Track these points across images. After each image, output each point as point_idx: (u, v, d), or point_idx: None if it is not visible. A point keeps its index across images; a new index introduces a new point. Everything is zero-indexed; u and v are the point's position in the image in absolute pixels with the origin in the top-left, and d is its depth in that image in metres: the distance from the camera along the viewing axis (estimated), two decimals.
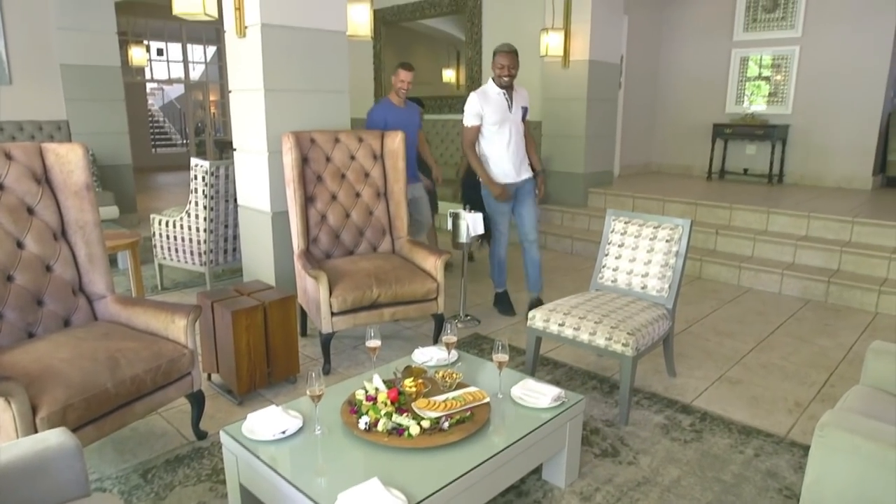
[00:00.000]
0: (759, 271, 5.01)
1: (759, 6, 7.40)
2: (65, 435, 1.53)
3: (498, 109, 3.84)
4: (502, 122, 3.86)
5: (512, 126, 3.91)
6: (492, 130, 3.88)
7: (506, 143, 3.89)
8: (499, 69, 3.77)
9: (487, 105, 3.83)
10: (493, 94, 3.85)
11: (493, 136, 3.89)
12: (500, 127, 3.87)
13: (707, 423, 2.83)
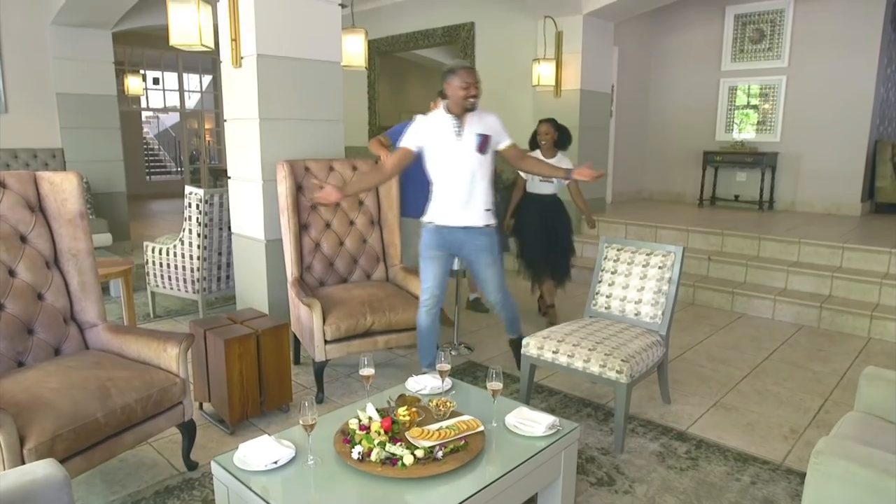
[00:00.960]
0: (752, 297, 5.03)
1: (745, 37, 7.56)
2: (53, 466, 1.50)
3: (440, 135, 3.13)
4: (446, 152, 3.14)
5: (460, 157, 3.13)
6: (435, 162, 3.18)
7: (452, 179, 3.16)
8: (462, 89, 3.04)
9: (430, 130, 3.15)
10: (440, 119, 3.15)
11: (437, 169, 3.19)
12: (442, 157, 3.16)
13: (703, 450, 2.81)
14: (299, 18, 3.71)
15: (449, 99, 3.11)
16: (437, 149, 3.15)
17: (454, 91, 3.08)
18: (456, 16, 7.73)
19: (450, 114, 3.13)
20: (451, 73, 3.09)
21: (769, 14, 7.34)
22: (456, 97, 3.07)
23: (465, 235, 3.20)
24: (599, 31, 6.58)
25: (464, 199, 3.16)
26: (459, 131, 3.13)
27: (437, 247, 3.22)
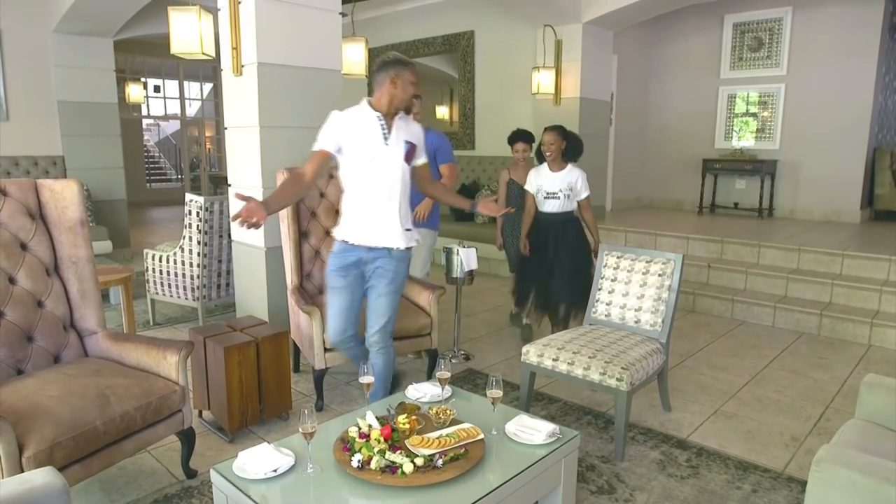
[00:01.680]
0: (752, 304, 5.03)
1: (744, 46, 7.59)
2: (51, 475, 1.50)
3: (364, 137, 2.63)
4: (370, 158, 2.63)
5: (386, 165, 2.65)
6: (353, 169, 2.66)
7: (372, 191, 2.66)
8: (402, 88, 2.63)
9: (352, 129, 2.63)
10: (364, 117, 2.65)
11: (354, 178, 2.68)
12: (366, 165, 2.64)
13: (703, 458, 2.81)
14: (300, 27, 3.73)
15: (388, 95, 2.63)
16: (360, 153, 2.63)
17: (404, 86, 2.63)
18: (456, 24, 7.77)
19: (376, 112, 2.65)
20: (401, 65, 2.63)
21: (768, 23, 7.38)
22: (405, 94, 2.64)
23: (374, 255, 2.71)
24: (599, 40, 6.61)
25: (385, 214, 2.68)
26: (387, 135, 2.65)
27: (345, 271, 2.72)
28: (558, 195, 3.99)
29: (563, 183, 3.99)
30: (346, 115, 2.68)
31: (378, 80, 2.64)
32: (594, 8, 6.26)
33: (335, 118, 2.68)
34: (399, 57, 2.68)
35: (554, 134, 3.97)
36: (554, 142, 3.95)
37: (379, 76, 2.64)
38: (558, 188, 3.99)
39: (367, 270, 2.75)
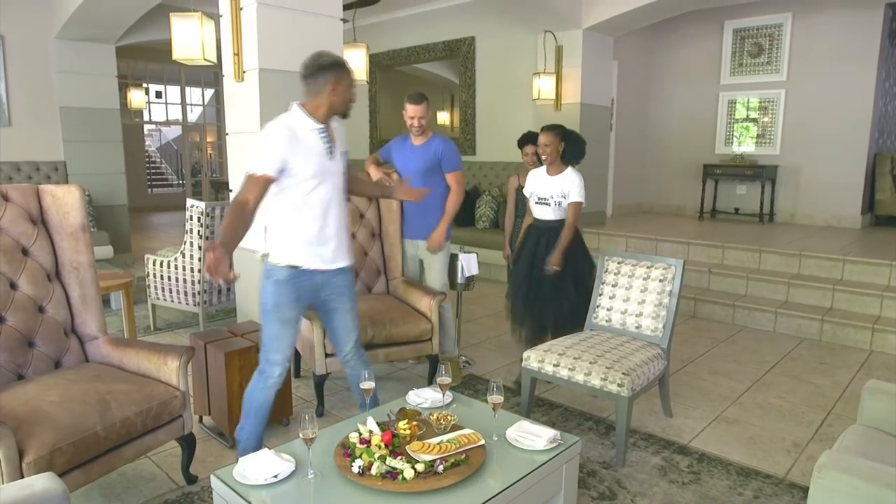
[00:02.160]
0: (753, 310, 5.02)
1: (744, 52, 7.61)
2: (52, 480, 1.50)
3: (313, 155, 2.38)
4: (320, 175, 2.40)
5: (333, 181, 2.47)
6: (298, 189, 2.38)
7: (323, 210, 2.44)
8: (343, 94, 2.42)
9: (297, 147, 2.34)
10: (306, 131, 2.38)
11: (300, 198, 2.40)
12: (316, 183, 2.40)
13: (705, 464, 2.80)
14: (301, 33, 3.74)
15: (327, 103, 2.39)
16: (308, 172, 2.37)
17: (345, 92, 2.43)
18: (457, 30, 7.80)
19: (316, 123, 2.40)
20: (342, 70, 2.41)
21: (768, 28, 7.40)
22: (346, 100, 2.44)
23: (332, 276, 2.53)
24: (599, 46, 6.63)
25: (338, 232, 2.52)
26: (332, 149, 2.44)
27: (295, 302, 2.48)
28: (549, 201, 3.64)
29: (557, 188, 3.62)
30: (288, 130, 2.34)
31: (315, 86, 2.38)
32: (594, 14, 6.28)
33: (278, 137, 2.33)
34: (338, 59, 2.44)
35: (550, 135, 3.60)
36: (550, 143, 3.59)
37: (316, 81, 2.37)
38: (550, 193, 3.64)
39: (324, 294, 2.55)
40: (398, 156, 3.79)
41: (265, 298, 2.47)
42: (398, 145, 3.82)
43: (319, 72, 2.38)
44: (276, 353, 2.50)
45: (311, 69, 2.39)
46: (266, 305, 2.47)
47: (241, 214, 2.28)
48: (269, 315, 2.46)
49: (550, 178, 3.68)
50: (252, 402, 2.53)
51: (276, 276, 2.45)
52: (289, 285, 2.45)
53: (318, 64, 2.39)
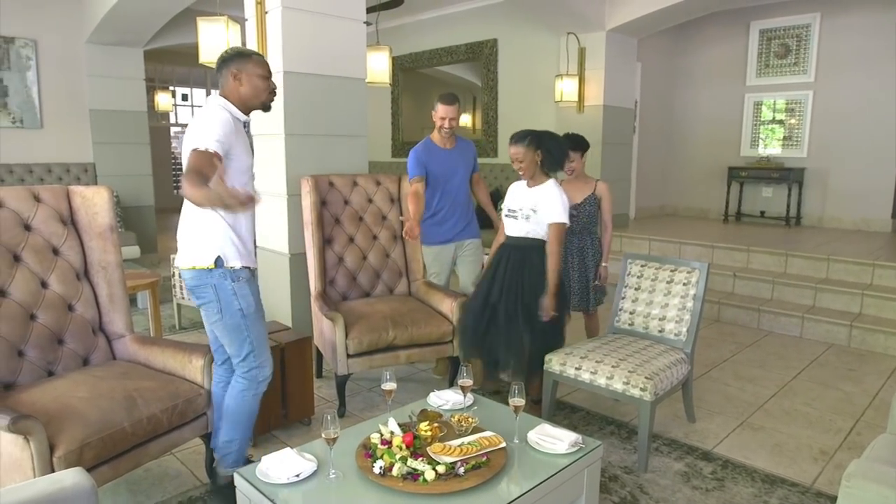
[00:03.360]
0: (779, 314, 4.94)
1: (770, 52, 7.50)
2: (81, 475, 1.53)
3: (244, 147, 2.36)
4: (249, 169, 2.42)
5: (252, 177, 2.48)
6: (238, 183, 2.27)
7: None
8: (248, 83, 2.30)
9: (238, 136, 2.29)
10: (233, 119, 2.28)
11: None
12: (248, 177, 2.41)
13: (729, 470, 2.76)
14: (325, 36, 3.78)
15: (235, 94, 2.30)
16: (242, 164, 2.33)
17: (249, 80, 2.30)
18: (479, 32, 7.80)
19: (239, 111, 2.32)
20: (242, 58, 2.30)
21: (795, 29, 7.28)
22: (254, 89, 2.31)
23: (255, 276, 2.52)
24: (623, 47, 6.59)
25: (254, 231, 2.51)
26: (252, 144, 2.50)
27: (257, 297, 2.45)
28: (516, 214, 3.10)
29: (529, 200, 3.07)
30: (231, 115, 2.26)
31: (222, 80, 2.30)
32: (618, 15, 6.24)
33: (225, 117, 2.22)
34: (239, 49, 2.36)
35: (521, 146, 3.00)
36: (522, 156, 3.00)
37: (221, 74, 2.30)
38: (519, 205, 3.10)
39: None
40: (438, 165, 3.66)
41: (243, 303, 2.34)
42: (430, 155, 3.64)
43: (222, 65, 2.31)
44: (266, 351, 2.46)
45: (217, 64, 2.33)
46: (247, 310, 2.36)
47: (201, 178, 2.03)
48: (253, 315, 2.39)
49: (527, 190, 3.14)
50: (245, 411, 2.43)
51: (242, 276, 2.36)
52: (253, 282, 2.44)
53: (221, 57, 2.33)
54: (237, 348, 2.39)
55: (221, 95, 2.31)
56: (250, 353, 2.39)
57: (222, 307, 2.33)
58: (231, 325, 2.35)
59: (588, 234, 3.71)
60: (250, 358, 2.40)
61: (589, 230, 3.71)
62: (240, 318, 2.34)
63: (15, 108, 6.62)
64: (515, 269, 3.08)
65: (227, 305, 2.33)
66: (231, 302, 2.33)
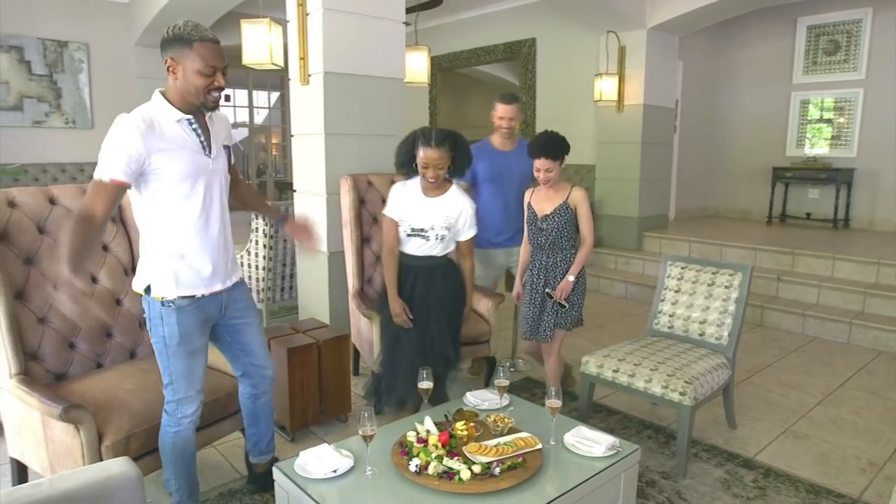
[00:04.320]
0: (825, 320, 4.79)
1: (819, 49, 7.27)
2: (127, 464, 1.57)
3: (180, 151, 1.96)
4: (194, 175, 1.99)
5: (213, 183, 2.06)
6: (170, 197, 1.98)
7: (198, 215, 2.03)
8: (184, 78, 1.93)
9: (159, 143, 1.91)
10: (168, 123, 1.95)
11: (176, 203, 1.99)
12: (191, 186, 1.99)
13: (771, 479, 2.69)
14: (365, 37, 3.81)
15: (173, 89, 1.95)
16: (178, 174, 1.95)
17: (186, 76, 1.91)
18: (518, 32, 7.77)
19: (179, 112, 1.96)
20: (178, 43, 1.90)
21: (845, 25, 7.05)
22: (190, 86, 1.93)
23: (231, 293, 2.20)
24: (664, 46, 6.48)
25: (227, 242, 2.16)
26: (205, 143, 2.02)
27: (202, 326, 2.12)
28: (427, 234, 2.74)
29: (440, 217, 2.73)
30: (144, 122, 1.89)
31: (163, 65, 1.94)
32: (659, 13, 6.13)
33: (129, 131, 1.86)
34: (179, 32, 1.89)
35: (443, 149, 2.63)
36: (442, 163, 2.64)
37: (161, 58, 1.94)
38: (430, 224, 2.74)
39: (228, 313, 2.21)
40: (488, 167, 3.52)
41: (165, 331, 2.03)
42: (479, 156, 3.39)
43: (161, 46, 1.92)
44: (188, 388, 2.11)
45: (160, 44, 1.94)
46: (169, 339, 2.03)
47: (86, 229, 1.85)
48: (175, 349, 2.05)
49: (430, 201, 2.74)
50: (168, 449, 2.15)
51: (174, 304, 2.03)
52: (192, 314, 2.06)
53: (162, 36, 1.92)
54: (162, 375, 2.12)
55: (162, 92, 1.98)
56: (169, 384, 2.10)
57: (150, 327, 2.07)
58: (156, 349, 2.09)
59: (559, 251, 3.02)
60: (168, 390, 2.11)
61: (560, 246, 3.01)
62: (162, 345, 2.05)
63: (68, 109, 6.87)
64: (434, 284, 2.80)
65: (153, 328, 2.06)
66: (156, 326, 2.05)
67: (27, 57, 6.67)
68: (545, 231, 3.02)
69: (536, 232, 3.04)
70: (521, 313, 3.27)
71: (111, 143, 1.87)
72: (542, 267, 3.06)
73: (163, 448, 2.16)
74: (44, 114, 6.80)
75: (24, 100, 6.70)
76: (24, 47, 6.63)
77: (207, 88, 1.93)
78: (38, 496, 1.38)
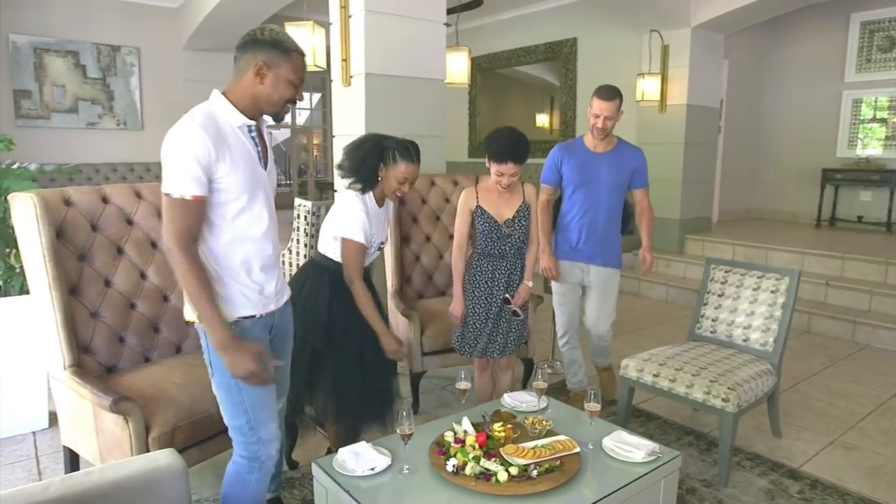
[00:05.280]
0: (877, 327, 4.62)
1: (873, 46, 7.01)
2: (173, 456, 1.62)
3: (241, 163, 1.75)
4: (252, 188, 1.78)
5: (269, 197, 1.88)
6: (233, 207, 1.76)
7: (264, 229, 1.84)
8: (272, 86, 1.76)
9: (223, 147, 1.70)
10: (231, 128, 1.75)
11: (235, 217, 1.77)
12: (249, 199, 1.78)
13: (818, 491, 2.61)
14: (406, 38, 3.84)
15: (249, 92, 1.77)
16: (239, 185, 1.74)
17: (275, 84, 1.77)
18: (558, 32, 7.72)
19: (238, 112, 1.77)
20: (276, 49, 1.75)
21: None
22: (273, 94, 1.78)
23: (281, 315, 1.99)
24: (708, 44, 6.34)
25: (278, 259, 1.97)
26: (261, 153, 1.84)
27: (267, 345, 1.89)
28: (382, 246, 2.69)
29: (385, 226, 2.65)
30: (212, 127, 1.69)
31: (239, 64, 1.77)
32: (704, 11, 6.01)
33: (197, 137, 1.64)
34: (280, 37, 1.77)
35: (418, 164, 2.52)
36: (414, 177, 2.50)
37: (242, 58, 1.77)
38: (386, 234, 2.70)
39: (277, 334, 2.00)
40: (575, 169, 3.10)
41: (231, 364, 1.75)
42: (568, 155, 3.13)
43: (248, 46, 1.76)
44: (270, 419, 1.90)
45: (241, 42, 1.78)
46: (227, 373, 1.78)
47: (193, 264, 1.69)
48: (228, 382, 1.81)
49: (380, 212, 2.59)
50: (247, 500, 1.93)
51: (244, 325, 1.83)
52: (257, 330, 1.87)
53: (251, 36, 1.76)
54: (230, 416, 1.87)
55: (223, 93, 1.78)
56: (245, 424, 1.86)
57: (211, 360, 1.82)
58: (220, 387, 1.84)
59: (521, 257, 2.83)
60: (244, 431, 1.87)
61: (523, 251, 2.84)
62: (229, 378, 1.79)
63: (119, 111, 7.11)
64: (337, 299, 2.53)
65: (215, 361, 1.80)
66: (214, 361, 1.81)
67: (82, 61, 6.93)
68: (511, 237, 2.76)
69: (498, 240, 2.75)
70: (469, 330, 2.84)
71: (178, 149, 1.64)
72: (503, 277, 2.79)
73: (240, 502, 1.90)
74: (97, 116, 7.06)
75: (79, 102, 6.97)
76: (79, 52, 6.89)
77: (289, 100, 1.81)
78: (90, 484, 1.44)
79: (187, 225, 1.67)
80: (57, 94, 6.85)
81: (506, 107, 8.98)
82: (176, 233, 1.66)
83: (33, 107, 6.77)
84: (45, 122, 6.81)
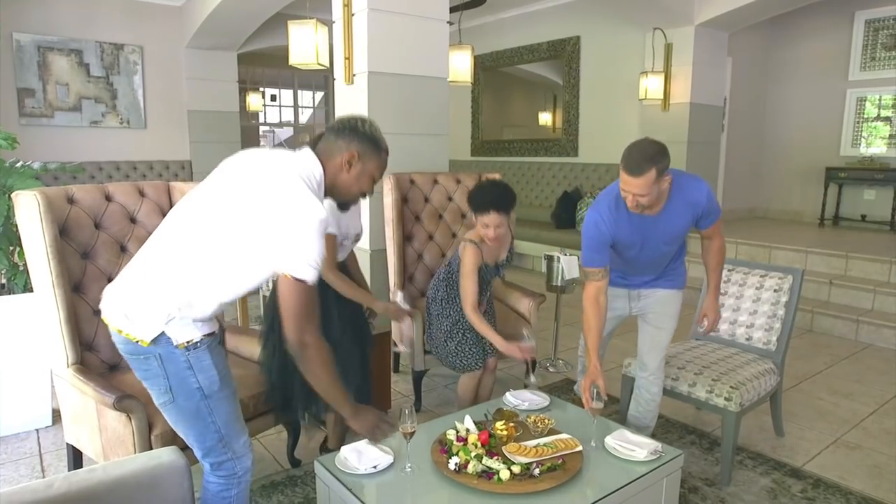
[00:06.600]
0: (881, 326, 4.60)
1: (877, 44, 6.99)
2: (176, 453, 1.62)
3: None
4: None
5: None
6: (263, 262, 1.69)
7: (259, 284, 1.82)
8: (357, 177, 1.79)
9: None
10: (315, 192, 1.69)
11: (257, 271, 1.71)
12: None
13: (821, 490, 2.60)
14: (409, 36, 3.84)
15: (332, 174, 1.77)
16: None
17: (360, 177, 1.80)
18: (561, 30, 7.70)
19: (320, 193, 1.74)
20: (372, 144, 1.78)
21: None
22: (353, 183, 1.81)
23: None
24: (712, 42, 6.33)
25: None
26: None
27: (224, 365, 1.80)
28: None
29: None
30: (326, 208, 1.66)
31: (328, 147, 1.77)
32: (708, 9, 5.99)
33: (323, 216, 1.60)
34: (376, 134, 1.80)
35: None
36: None
37: (337, 141, 1.77)
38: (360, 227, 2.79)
39: None
40: (629, 234, 2.45)
41: (201, 380, 1.71)
42: (616, 224, 2.43)
43: (345, 133, 1.76)
44: (241, 432, 1.84)
45: (340, 125, 1.79)
46: (209, 388, 1.72)
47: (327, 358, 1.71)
48: (217, 395, 1.75)
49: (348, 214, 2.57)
50: None
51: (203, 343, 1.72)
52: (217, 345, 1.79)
53: (351, 125, 1.78)
54: (200, 439, 1.78)
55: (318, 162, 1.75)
56: (217, 443, 1.78)
57: (172, 385, 1.71)
58: (186, 411, 1.74)
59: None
60: (217, 450, 1.79)
61: None
62: (197, 400, 1.72)
63: (123, 109, 7.12)
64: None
65: (179, 385, 1.71)
66: (184, 380, 1.70)
67: (86, 60, 6.94)
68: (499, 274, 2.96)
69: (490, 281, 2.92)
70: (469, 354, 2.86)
71: (312, 228, 1.57)
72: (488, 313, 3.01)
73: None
74: (100, 114, 7.07)
75: (83, 101, 6.98)
76: (83, 50, 6.90)
77: (365, 192, 1.83)
78: (94, 481, 1.44)
79: (315, 310, 1.64)
80: (60, 92, 6.87)
81: (509, 105, 8.98)
82: (314, 322, 1.63)
83: (37, 105, 6.79)
84: (48, 120, 6.83)
